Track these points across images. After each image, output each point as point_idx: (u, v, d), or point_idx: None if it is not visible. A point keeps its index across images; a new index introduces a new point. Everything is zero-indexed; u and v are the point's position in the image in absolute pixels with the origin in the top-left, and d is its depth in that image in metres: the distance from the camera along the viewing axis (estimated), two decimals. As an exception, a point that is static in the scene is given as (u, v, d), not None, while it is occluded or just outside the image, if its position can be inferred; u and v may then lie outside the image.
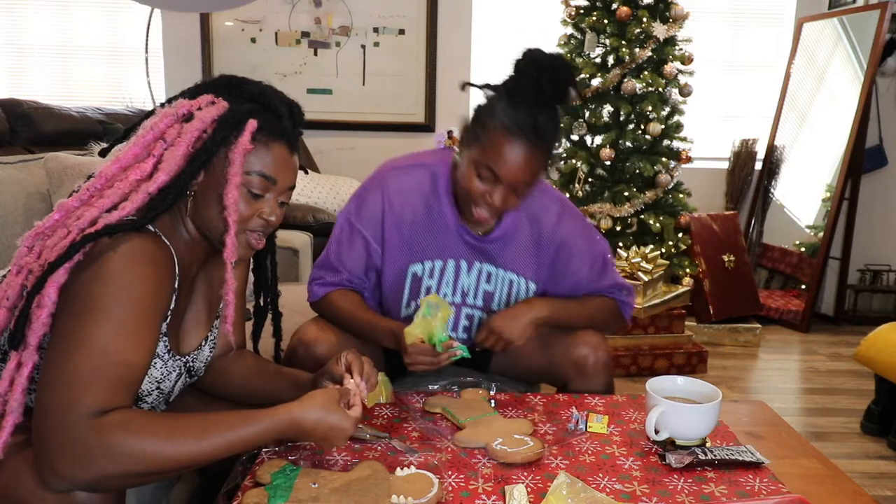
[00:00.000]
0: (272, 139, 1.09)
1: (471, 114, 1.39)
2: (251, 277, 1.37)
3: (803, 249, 3.88)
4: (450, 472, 1.11)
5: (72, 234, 0.98)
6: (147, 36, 3.66)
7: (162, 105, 1.11)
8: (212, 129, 1.05)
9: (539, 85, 1.31)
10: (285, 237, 2.77)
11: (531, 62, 1.32)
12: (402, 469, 1.08)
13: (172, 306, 1.08)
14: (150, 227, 1.04)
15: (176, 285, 1.08)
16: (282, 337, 1.42)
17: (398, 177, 1.50)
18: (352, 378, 1.16)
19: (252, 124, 1.06)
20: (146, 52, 3.68)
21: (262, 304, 1.37)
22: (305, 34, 3.97)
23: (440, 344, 1.31)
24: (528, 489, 1.06)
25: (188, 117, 1.06)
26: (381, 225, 1.49)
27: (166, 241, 1.06)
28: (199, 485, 1.36)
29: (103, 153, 1.18)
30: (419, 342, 1.33)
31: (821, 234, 3.76)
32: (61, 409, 0.90)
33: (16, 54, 3.98)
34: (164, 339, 1.10)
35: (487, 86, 1.38)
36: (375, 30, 3.97)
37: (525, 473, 1.12)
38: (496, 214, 1.41)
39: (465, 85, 1.44)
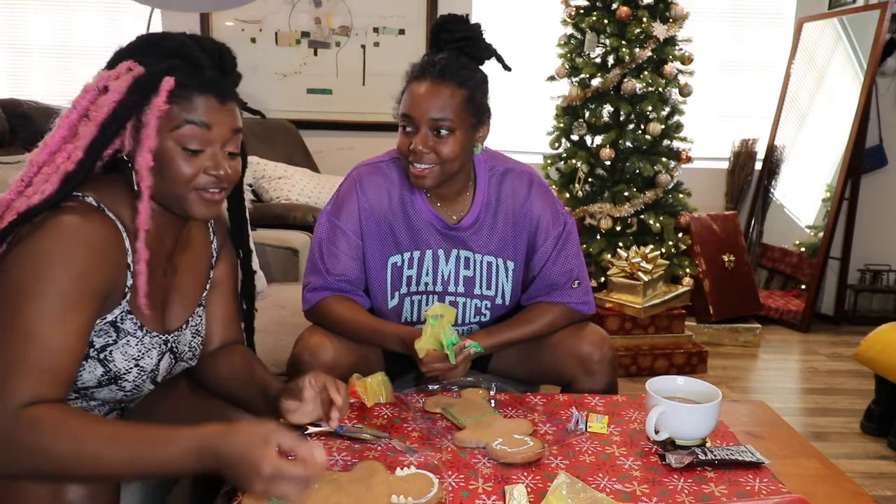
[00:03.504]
0: (195, 92, 1.02)
1: None
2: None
3: (803, 249, 3.88)
4: (450, 472, 1.11)
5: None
6: (147, 36, 3.66)
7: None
8: (127, 95, 0.99)
9: (436, 37, 1.46)
10: (285, 237, 2.77)
11: (435, 25, 1.48)
12: (402, 469, 1.08)
13: (130, 282, 1.06)
14: (93, 202, 1.01)
15: (129, 260, 1.05)
16: (254, 297, 1.39)
17: (371, 174, 1.54)
18: (312, 391, 1.10)
19: (168, 83, 0.99)
20: (146, 52, 3.68)
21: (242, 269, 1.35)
22: (305, 34, 3.97)
23: (451, 346, 1.32)
24: (528, 489, 1.06)
25: (106, 89, 1.02)
26: (359, 220, 1.51)
27: (111, 213, 1.03)
28: (198, 486, 1.36)
29: None
30: (431, 352, 1.35)
31: (821, 234, 3.76)
32: None
33: (16, 54, 3.98)
34: (131, 316, 1.08)
35: None
36: (375, 30, 3.97)
37: (525, 473, 1.12)
38: (430, 164, 1.41)
39: None
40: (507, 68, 1.50)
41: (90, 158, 0.99)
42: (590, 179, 3.27)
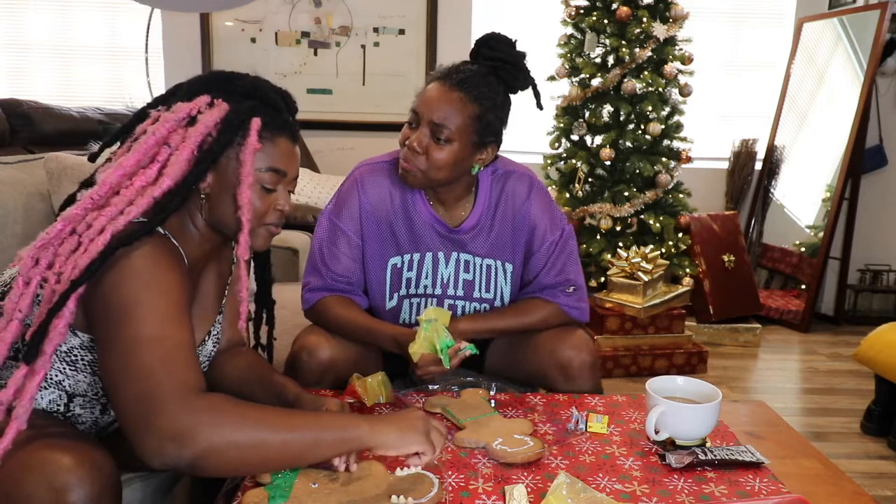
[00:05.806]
0: (276, 134, 1.11)
1: None
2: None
3: (803, 249, 3.88)
4: (450, 472, 1.11)
5: (84, 244, 0.97)
6: (147, 36, 3.66)
7: (150, 105, 1.12)
8: (216, 131, 1.06)
9: (477, 50, 1.45)
10: (285, 237, 2.77)
11: (479, 39, 1.46)
12: (402, 469, 1.08)
13: None
14: (160, 230, 1.05)
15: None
16: (274, 325, 1.41)
17: (372, 174, 1.53)
18: None
19: (257, 123, 1.07)
20: (146, 52, 3.68)
21: (260, 300, 1.37)
22: (305, 34, 3.97)
23: (445, 350, 1.32)
24: (528, 489, 1.06)
25: (191, 121, 1.07)
26: (360, 221, 1.51)
27: (175, 241, 1.07)
28: (199, 485, 1.36)
29: (92, 157, 1.19)
30: (425, 355, 1.34)
31: (821, 234, 3.76)
32: (150, 398, 0.90)
33: (16, 54, 3.98)
34: None
35: None
36: (375, 30, 3.97)
37: (525, 473, 1.12)
38: (418, 164, 1.40)
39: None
40: (539, 107, 1.49)
41: (183, 189, 1.04)
42: (590, 179, 3.27)
